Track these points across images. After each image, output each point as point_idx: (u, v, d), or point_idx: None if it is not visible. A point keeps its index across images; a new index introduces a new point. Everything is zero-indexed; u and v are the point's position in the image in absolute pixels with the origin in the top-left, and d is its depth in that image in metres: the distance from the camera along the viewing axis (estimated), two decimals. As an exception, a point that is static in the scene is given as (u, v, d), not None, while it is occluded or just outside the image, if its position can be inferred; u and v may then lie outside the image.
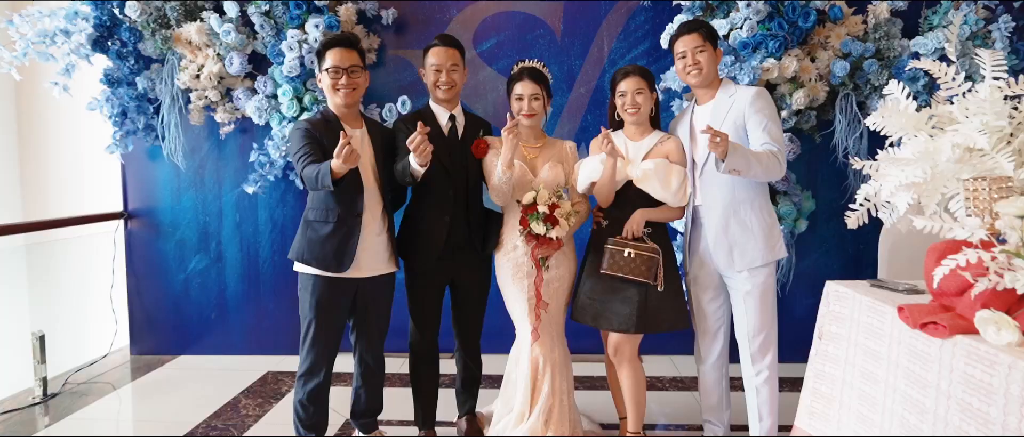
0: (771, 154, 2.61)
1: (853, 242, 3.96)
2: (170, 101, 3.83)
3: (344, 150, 2.31)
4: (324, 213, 2.62)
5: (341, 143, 2.32)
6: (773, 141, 2.65)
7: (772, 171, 2.60)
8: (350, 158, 2.33)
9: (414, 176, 2.62)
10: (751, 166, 2.55)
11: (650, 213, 2.83)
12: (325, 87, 2.69)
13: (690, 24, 2.81)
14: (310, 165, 2.49)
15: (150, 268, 4.23)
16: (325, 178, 2.39)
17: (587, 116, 4.06)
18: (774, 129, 2.68)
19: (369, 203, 2.68)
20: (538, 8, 4.03)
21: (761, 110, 2.69)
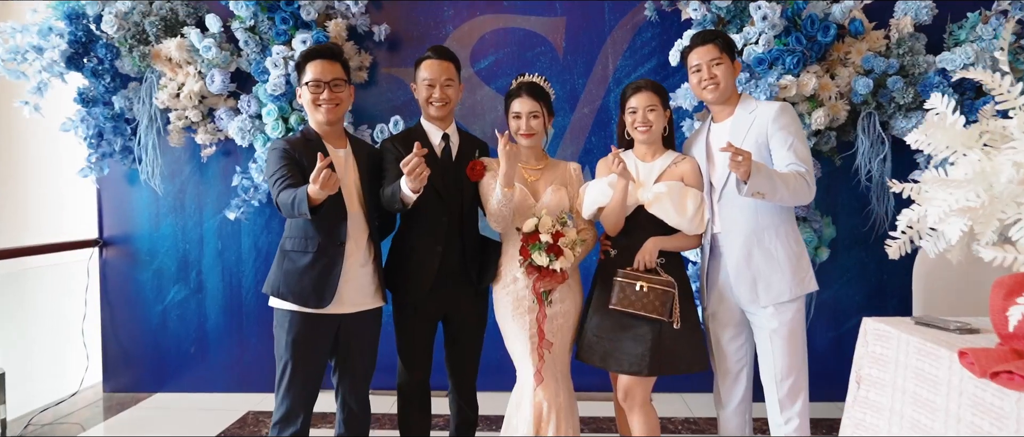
0: (799, 175, 2.34)
1: (876, 271, 3.68)
2: (148, 121, 3.57)
3: (321, 174, 2.04)
4: (303, 242, 2.34)
5: (318, 166, 2.05)
6: (800, 161, 2.39)
7: (800, 194, 2.33)
8: (328, 183, 2.05)
9: (405, 202, 2.35)
10: (777, 188, 2.28)
11: (664, 242, 2.55)
12: (305, 103, 2.43)
13: (705, 34, 2.56)
14: (286, 190, 2.22)
15: (126, 299, 3.94)
16: (302, 205, 2.12)
17: (591, 138, 3.80)
18: (801, 148, 2.41)
19: (353, 231, 2.40)
20: (539, 24, 3.79)
21: (786, 126, 2.43)
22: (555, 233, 2.41)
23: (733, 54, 2.56)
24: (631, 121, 2.61)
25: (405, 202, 2.34)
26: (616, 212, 2.52)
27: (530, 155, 2.60)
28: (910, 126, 3.28)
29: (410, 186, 2.24)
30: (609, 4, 3.74)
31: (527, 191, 2.54)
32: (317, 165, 2.06)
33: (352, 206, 2.41)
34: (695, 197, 2.54)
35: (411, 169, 2.19)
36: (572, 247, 2.42)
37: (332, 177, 2.07)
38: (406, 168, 2.19)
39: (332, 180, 2.07)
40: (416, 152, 2.20)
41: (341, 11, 3.53)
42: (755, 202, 2.46)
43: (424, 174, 2.20)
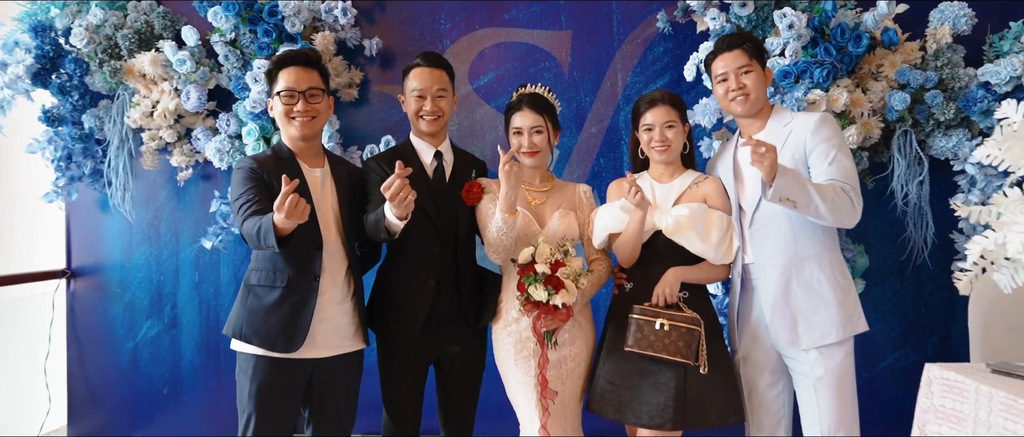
0: (841, 189, 2.01)
1: (913, 305, 3.31)
2: (119, 142, 3.26)
3: (287, 201, 1.71)
4: (270, 275, 2.00)
5: (283, 190, 1.72)
6: (845, 177, 2.05)
7: (842, 211, 1.99)
8: (295, 211, 1.72)
9: (391, 231, 2.01)
10: (810, 198, 1.95)
11: (686, 272, 2.21)
12: (277, 115, 2.11)
13: (732, 38, 2.24)
14: (251, 217, 1.89)
15: (94, 335, 3.58)
16: (268, 235, 1.78)
17: (600, 159, 3.47)
18: (846, 162, 2.08)
19: (330, 262, 2.06)
20: (543, 38, 3.49)
21: (828, 139, 2.10)
22: (553, 263, 2.07)
23: (763, 60, 2.24)
24: (647, 139, 2.28)
25: (391, 231, 2.01)
26: (631, 240, 2.18)
27: (534, 176, 2.28)
28: (951, 145, 2.95)
29: (395, 213, 1.91)
30: (618, 17, 3.44)
31: (531, 216, 2.21)
32: (282, 189, 1.72)
33: (329, 234, 2.07)
34: (721, 221, 2.21)
35: (394, 193, 1.85)
36: (574, 279, 2.08)
37: (300, 204, 1.73)
38: (387, 192, 1.85)
39: (300, 207, 1.73)
40: (398, 173, 1.86)
41: (329, 23, 3.23)
42: (794, 228, 2.12)
43: (410, 199, 1.87)
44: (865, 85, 3.03)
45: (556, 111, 2.31)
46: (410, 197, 1.87)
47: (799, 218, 2.13)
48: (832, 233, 2.22)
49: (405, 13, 3.48)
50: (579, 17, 3.46)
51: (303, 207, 1.74)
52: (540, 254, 2.06)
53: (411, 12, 3.48)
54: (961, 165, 2.98)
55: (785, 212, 2.14)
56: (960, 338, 3.23)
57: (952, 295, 3.22)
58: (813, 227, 2.14)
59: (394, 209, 1.90)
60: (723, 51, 2.24)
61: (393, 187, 1.85)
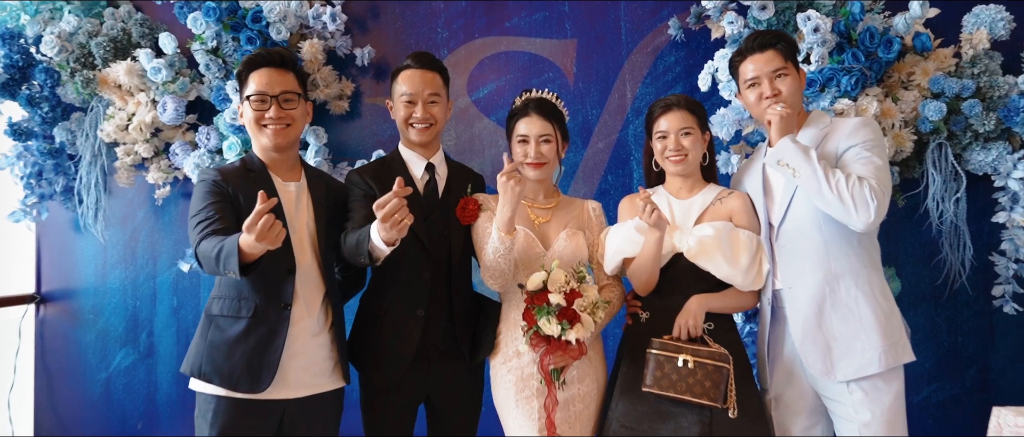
0: (856, 178, 1.75)
1: (949, 333, 3.01)
2: (91, 157, 3.00)
3: (260, 221, 1.43)
4: (234, 304, 1.72)
5: (257, 209, 1.44)
6: (870, 174, 1.79)
7: (851, 200, 1.73)
8: (268, 234, 1.44)
9: (374, 257, 1.74)
10: (814, 171, 1.78)
11: (712, 301, 1.93)
12: (247, 123, 1.84)
13: (763, 37, 1.98)
14: (209, 238, 1.61)
15: (64, 364, 3.30)
16: (230, 260, 1.50)
17: (608, 176, 3.20)
18: (877, 162, 1.82)
19: (304, 289, 1.78)
20: (546, 47, 3.24)
21: (865, 141, 1.84)
22: (569, 292, 1.78)
23: (798, 61, 1.97)
24: (660, 148, 2.02)
25: (375, 256, 1.73)
26: (648, 265, 1.90)
27: (538, 191, 2.00)
28: (990, 159, 2.68)
29: (384, 236, 1.63)
30: (626, 24, 3.19)
31: (534, 236, 1.93)
32: (256, 208, 1.45)
33: (303, 256, 1.79)
34: (750, 241, 1.93)
35: (388, 213, 1.57)
36: (592, 311, 1.79)
37: (275, 226, 1.45)
38: (380, 211, 1.57)
39: (275, 230, 1.45)
40: (397, 191, 1.58)
41: (317, 30, 2.98)
42: (825, 240, 1.86)
43: (405, 223, 1.59)
44: (895, 94, 2.76)
45: (565, 119, 2.04)
46: (406, 221, 1.58)
47: (832, 230, 1.86)
48: (871, 248, 1.94)
49: (400, 21, 3.23)
50: (585, 25, 3.21)
51: (278, 230, 1.47)
52: (553, 281, 1.77)
53: (406, 20, 3.23)
54: (1002, 180, 2.71)
55: (816, 223, 1.87)
56: (1001, 369, 2.94)
57: (992, 322, 2.93)
58: (848, 240, 1.87)
59: (383, 232, 1.62)
60: (754, 52, 1.97)
61: (389, 206, 1.57)
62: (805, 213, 1.89)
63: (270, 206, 1.44)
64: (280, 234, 1.47)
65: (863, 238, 1.88)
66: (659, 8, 3.15)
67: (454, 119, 3.21)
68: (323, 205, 1.88)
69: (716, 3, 2.74)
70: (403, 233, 1.60)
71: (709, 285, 1.96)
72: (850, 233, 1.85)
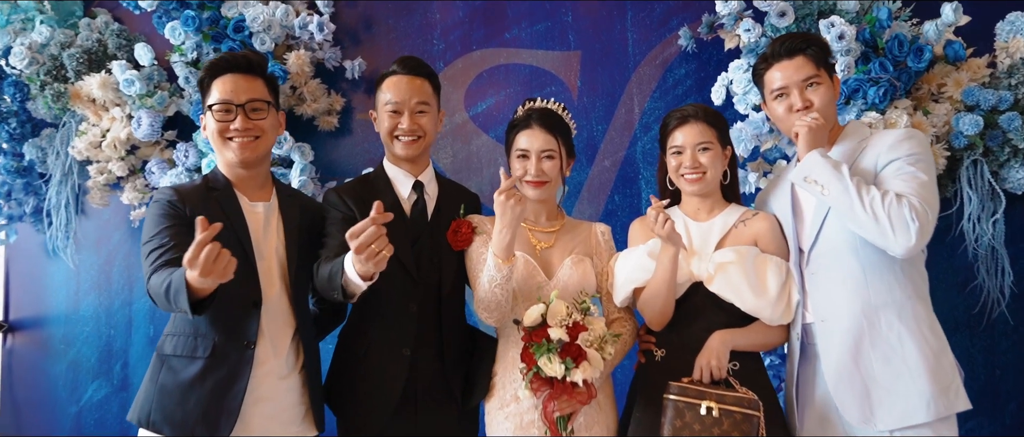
0: (895, 196, 1.50)
1: (986, 366, 2.75)
2: (61, 176, 2.78)
3: (202, 254, 1.20)
4: (190, 342, 1.48)
5: (198, 238, 1.21)
6: (912, 191, 1.54)
7: (888, 221, 1.49)
8: (213, 267, 1.21)
9: (349, 291, 1.50)
10: (845, 188, 1.55)
11: (737, 337, 1.68)
12: (210, 135, 1.62)
13: (791, 41, 1.75)
14: (160, 270, 1.38)
15: (33, 397, 3.06)
16: (179, 297, 1.27)
17: (614, 196, 2.97)
18: (922, 178, 1.59)
19: (271, 324, 1.55)
20: (548, 59, 3.03)
21: (909, 154, 1.61)
22: (572, 325, 1.54)
23: (831, 67, 1.75)
24: (675, 164, 1.79)
25: (349, 291, 1.49)
26: (662, 292, 1.67)
27: (540, 212, 1.77)
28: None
29: (359, 269, 1.39)
30: (634, 35, 2.98)
31: (535, 264, 1.69)
32: (196, 238, 1.21)
33: (271, 287, 1.56)
34: (779, 268, 1.69)
35: (364, 243, 1.33)
36: (600, 346, 1.55)
37: (221, 258, 1.22)
38: (354, 241, 1.33)
39: (221, 262, 1.22)
40: (374, 217, 1.34)
41: (304, 41, 2.77)
42: (863, 267, 1.63)
43: (383, 255, 1.35)
44: (925, 107, 2.53)
45: (571, 133, 1.82)
46: (385, 252, 1.35)
47: (871, 256, 1.62)
48: (916, 276, 1.70)
49: (394, 32, 3.03)
50: (590, 36, 3.01)
51: (226, 262, 1.23)
52: (553, 314, 1.52)
53: (401, 30, 3.03)
54: (1045, 201, 2.48)
55: (852, 248, 1.64)
56: (1044, 405, 2.69)
57: (1025, 355, 2.68)
58: (890, 267, 1.63)
59: (359, 264, 1.38)
60: (781, 58, 1.74)
61: (364, 235, 1.33)
62: (839, 236, 1.65)
63: (212, 234, 1.20)
64: (230, 266, 1.23)
65: (906, 265, 1.64)
66: (668, 17, 2.94)
67: (450, 136, 3.00)
68: (296, 228, 1.65)
69: (731, 5, 2.51)
70: (381, 266, 1.36)
71: (732, 318, 1.72)
72: (891, 259, 1.61)
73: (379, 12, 3.03)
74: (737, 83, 2.61)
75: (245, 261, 1.51)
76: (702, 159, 1.78)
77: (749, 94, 2.60)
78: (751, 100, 2.60)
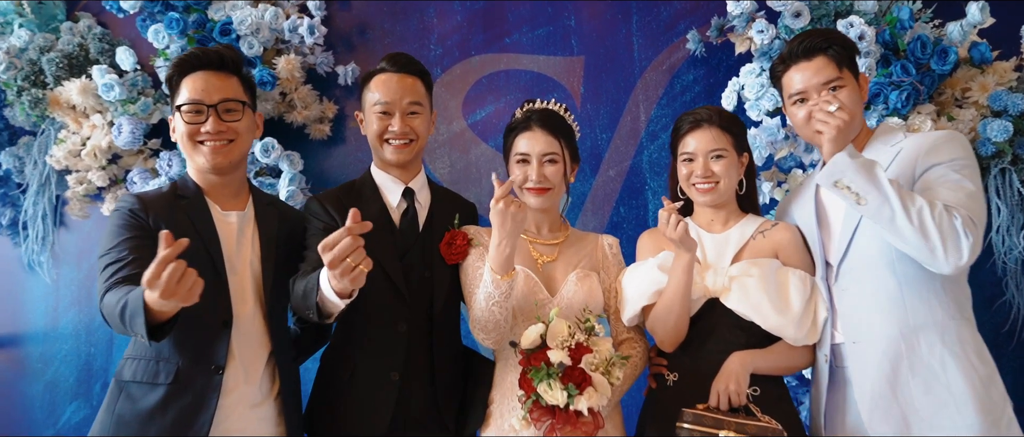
0: (943, 207, 1.36)
1: (1016, 387, 2.56)
2: (38, 186, 2.64)
3: (165, 273, 1.04)
4: (151, 366, 1.33)
5: (158, 258, 1.06)
6: (961, 202, 1.38)
7: (936, 236, 1.35)
8: (177, 288, 1.06)
9: (324, 311, 1.35)
10: (884, 197, 1.37)
11: (757, 359, 1.53)
12: (180, 139, 1.47)
13: (810, 40, 1.61)
14: (116, 288, 1.23)
15: (8, 420, 2.90)
16: (135, 320, 1.13)
17: (619, 208, 2.82)
18: (969, 188, 1.43)
19: (243, 347, 1.39)
20: (550, 65, 2.89)
21: (952, 160, 1.46)
22: (575, 347, 1.38)
23: (856, 66, 1.60)
24: (686, 173, 1.64)
25: (326, 310, 1.33)
26: (675, 307, 1.52)
27: (542, 222, 1.62)
28: (1062, 186, 2.29)
29: (336, 286, 1.24)
30: (639, 39, 2.84)
31: (536, 279, 1.54)
32: (159, 252, 1.06)
33: (243, 305, 1.41)
34: (802, 282, 1.54)
35: (337, 256, 1.18)
36: (607, 369, 1.39)
37: (185, 277, 1.07)
38: (328, 254, 1.18)
39: (185, 282, 1.07)
40: (350, 226, 1.19)
41: (294, 45, 2.63)
42: (900, 282, 1.48)
43: (360, 271, 1.19)
44: (949, 112, 2.39)
45: (574, 136, 1.68)
46: (362, 267, 1.19)
47: (909, 271, 1.47)
48: (959, 294, 1.54)
49: (389, 37, 2.89)
50: (593, 40, 2.87)
51: (191, 283, 1.08)
52: (554, 334, 1.36)
53: (396, 35, 2.89)
54: (1079, 211, 2.32)
55: (888, 262, 1.49)
56: (1078, 429, 2.51)
57: (1064, 377, 2.51)
58: (930, 284, 1.47)
59: (335, 281, 1.23)
60: (799, 59, 1.60)
61: (338, 248, 1.18)
62: (873, 248, 1.49)
63: (177, 250, 1.05)
64: (195, 287, 1.08)
65: (948, 281, 1.48)
66: (675, 21, 2.81)
67: (448, 145, 2.86)
68: (273, 240, 1.50)
69: (744, 5, 2.37)
70: (358, 283, 1.21)
71: (752, 338, 1.56)
72: (931, 274, 1.45)
73: (374, 16, 2.90)
74: (749, 88, 2.48)
75: (215, 276, 1.37)
76: (715, 167, 1.63)
77: (762, 99, 2.46)
78: (764, 106, 2.46)
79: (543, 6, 2.88)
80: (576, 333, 1.37)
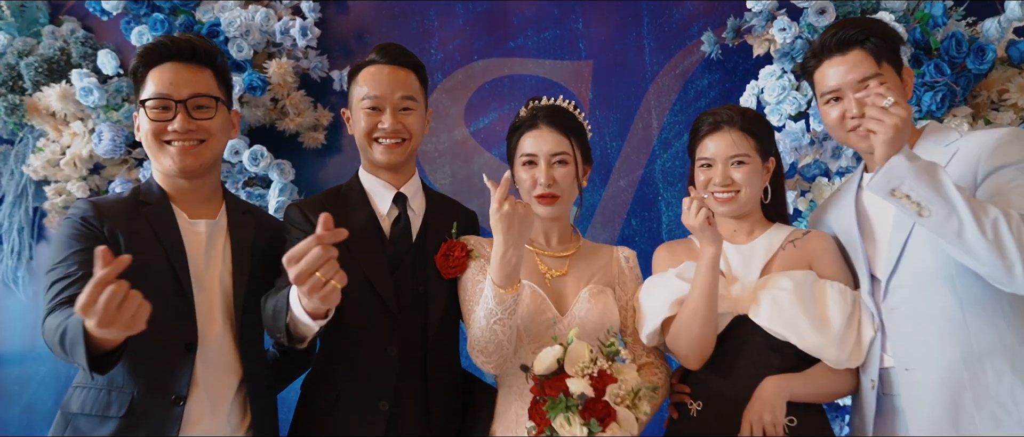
0: (1019, 218, 1.19)
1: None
2: (15, 198, 2.49)
3: (101, 298, 0.88)
4: (102, 397, 1.17)
5: (95, 279, 0.90)
6: None
7: (1014, 252, 1.16)
8: (116, 316, 0.89)
9: (296, 334, 1.17)
10: (951, 208, 1.18)
11: (794, 384, 1.36)
12: (144, 138, 1.31)
13: (844, 32, 1.45)
14: (60, 309, 1.07)
15: (-18, 447, 2.73)
16: (75, 349, 0.97)
17: (631, 220, 2.66)
18: None
19: (209, 374, 1.23)
20: (556, 70, 2.74)
21: (1020, 161, 1.28)
22: (598, 375, 1.20)
23: (899, 59, 1.42)
24: (704, 180, 1.48)
25: (297, 334, 1.16)
26: (701, 313, 1.36)
27: (551, 232, 1.45)
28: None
29: (306, 306, 1.07)
30: (651, 42, 2.69)
31: (544, 296, 1.36)
32: (95, 272, 0.90)
33: (211, 326, 1.24)
34: (842, 296, 1.37)
35: (304, 271, 1.00)
36: (633, 402, 1.21)
37: (127, 302, 0.90)
38: (293, 268, 1.00)
39: (127, 309, 0.90)
40: (320, 234, 1.00)
41: (287, 48, 2.49)
42: (961, 301, 1.30)
43: (332, 288, 1.02)
44: (985, 115, 2.22)
45: (586, 135, 1.52)
46: (334, 283, 1.01)
47: (972, 288, 1.29)
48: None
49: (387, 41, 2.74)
50: (602, 44, 2.73)
51: (134, 308, 0.91)
52: (574, 359, 1.18)
53: (395, 39, 2.64)
54: None
55: (948, 277, 1.31)
56: None
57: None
58: (997, 303, 1.29)
59: (305, 299, 1.06)
60: (833, 54, 1.43)
61: (304, 260, 1.00)
62: (928, 262, 1.31)
63: (117, 270, 0.88)
64: (140, 314, 0.91)
65: (1018, 300, 1.30)
66: (688, 23, 2.66)
67: (449, 154, 2.72)
68: (248, 252, 1.33)
69: (765, 4, 2.22)
70: (331, 302, 1.03)
71: (786, 361, 1.39)
72: (997, 292, 1.27)
73: (371, 19, 2.77)
74: (769, 91, 2.32)
75: (179, 293, 1.20)
76: (735, 175, 1.46)
77: (784, 103, 2.30)
78: (786, 110, 2.30)
79: (549, 8, 2.74)
80: (598, 358, 1.19)
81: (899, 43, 1.46)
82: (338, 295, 1.01)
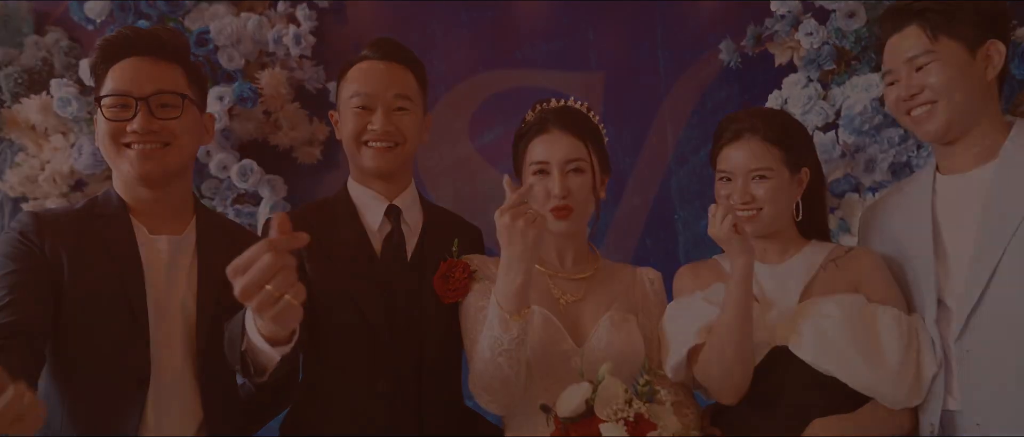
0: None
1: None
2: (-10, 215, 2.35)
3: None
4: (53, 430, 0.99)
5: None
6: None
7: None
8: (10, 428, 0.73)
9: (256, 366, 0.99)
10: None
11: (846, 427, 1.18)
12: (101, 141, 1.15)
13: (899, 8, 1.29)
14: None
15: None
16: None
17: (645, 240, 2.53)
18: None
19: (162, 415, 1.08)
20: (566, 82, 2.63)
21: None
22: (635, 418, 1.01)
23: (974, 35, 1.24)
24: (724, 194, 1.32)
25: (257, 364, 0.98)
26: (735, 336, 1.21)
27: (566, 251, 1.28)
28: None
29: (262, 329, 0.89)
30: (666, 52, 2.58)
31: (558, 323, 1.19)
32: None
33: (169, 357, 1.07)
34: (897, 324, 1.21)
35: (253, 283, 0.81)
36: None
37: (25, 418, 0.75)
38: (238, 281, 0.81)
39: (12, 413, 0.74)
40: (273, 239, 0.80)
41: (280, 57, 2.37)
42: None
43: (287, 305, 0.83)
44: None
45: (602, 139, 1.36)
46: (289, 297, 0.81)
47: None
48: None
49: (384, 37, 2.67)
50: (614, 55, 2.62)
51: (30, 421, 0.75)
52: (606, 399, 0.99)
53: (395, 51, 2.64)
54: None
55: None
56: None
57: None
58: None
59: (260, 322, 0.89)
60: (890, 34, 1.28)
61: (253, 269, 0.80)
62: (1018, 290, 1.12)
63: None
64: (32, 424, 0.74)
65: None
66: (705, 32, 2.54)
67: (452, 170, 2.60)
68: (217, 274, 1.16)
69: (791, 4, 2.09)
70: (287, 322, 0.84)
71: (832, 399, 1.20)
72: None
73: (371, 29, 2.64)
74: (794, 101, 2.19)
75: (131, 320, 1.03)
76: (757, 191, 1.29)
77: (810, 114, 2.17)
78: (813, 121, 2.16)
79: (558, 17, 2.63)
80: (633, 400, 1.00)
81: (976, 17, 1.25)
82: (296, 313, 0.82)
